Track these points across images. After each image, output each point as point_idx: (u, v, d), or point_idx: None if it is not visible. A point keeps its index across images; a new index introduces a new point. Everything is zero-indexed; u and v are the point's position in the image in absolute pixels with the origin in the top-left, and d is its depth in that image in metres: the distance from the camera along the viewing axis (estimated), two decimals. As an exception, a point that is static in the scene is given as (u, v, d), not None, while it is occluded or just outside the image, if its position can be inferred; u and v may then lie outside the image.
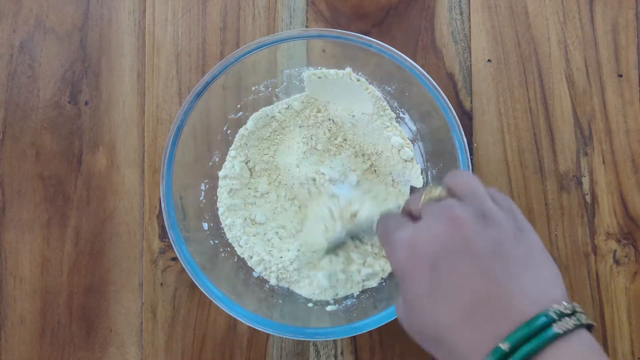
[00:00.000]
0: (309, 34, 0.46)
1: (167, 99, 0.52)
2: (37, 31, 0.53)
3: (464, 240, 0.29)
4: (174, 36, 0.52)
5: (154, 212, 0.51)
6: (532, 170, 0.50)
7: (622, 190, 0.50)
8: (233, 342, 0.50)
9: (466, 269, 0.28)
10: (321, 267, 0.47)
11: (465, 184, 0.32)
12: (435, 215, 0.30)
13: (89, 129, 0.52)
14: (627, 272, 0.49)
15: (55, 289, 0.51)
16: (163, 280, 0.50)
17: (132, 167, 0.51)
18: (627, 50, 0.51)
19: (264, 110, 0.50)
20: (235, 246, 0.49)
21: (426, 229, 0.30)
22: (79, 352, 0.50)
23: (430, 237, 0.29)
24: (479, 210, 0.30)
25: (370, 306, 0.45)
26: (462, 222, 0.29)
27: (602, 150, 0.50)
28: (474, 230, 0.29)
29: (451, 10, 0.52)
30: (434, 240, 0.29)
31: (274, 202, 0.50)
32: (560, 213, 0.50)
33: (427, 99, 0.44)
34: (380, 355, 0.49)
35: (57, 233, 0.51)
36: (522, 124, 0.51)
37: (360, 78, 0.48)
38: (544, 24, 0.51)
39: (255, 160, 0.51)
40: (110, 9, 0.53)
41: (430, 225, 0.30)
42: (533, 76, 0.51)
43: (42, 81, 0.52)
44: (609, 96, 0.51)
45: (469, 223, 0.29)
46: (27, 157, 0.52)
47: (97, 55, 0.52)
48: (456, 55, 0.51)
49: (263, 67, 0.49)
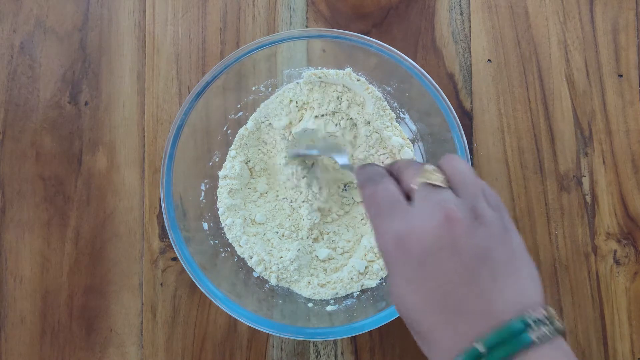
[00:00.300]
0: (309, 34, 0.46)
1: (167, 99, 0.52)
2: (37, 31, 0.53)
3: (454, 240, 0.29)
4: (174, 36, 0.52)
5: (154, 212, 0.51)
6: (532, 171, 0.50)
7: (622, 191, 0.50)
8: (233, 342, 0.50)
9: (451, 266, 0.29)
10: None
11: (460, 173, 0.32)
12: (430, 208, 0.30)
13: (89, 129, 0.52)
14: (627, 272, 0.49)
15: (55, 289, 0.51)
16: (163, 280, 0.51)
17: (132, 167, 0.51)
18: (627, 51, 0.51)
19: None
20: (235, 246, 0.49)
21: (420, 223, 0.30)
22: (79, 352, 0.50)
23: (423, 234, 0.29)
24: (472, 208, 0.30)
25: (370, 306, 0.45)
26: (456, 222, 0.29)
27: (602, 150, 0.50)
28: (466, 230, 0.29)
29: (451, 10, 0.52)
30: (426, 237, 0.29)
31: (273, 202, 0.50)
32: (561, 213, 0.50)
33: (427, 99, 0.44)
34: (380, 355, 0.49)
35: (57, 233, 0.51)
36: (522, 124, 0.51)
37: (360, 78, 0.48)
38: (544, 24, 0.51)
39: (255, 160, 0.51)
40: (110, 9, 0.53)
41: (424, 219, 0.30)
42: (533, 76, 0.51)
43: (42, 81, 0.52)
44: (609, 96, 0.51)
45: (462, 223, 0.29)
46: (27, 157, 0.52)
47: (97, 56, 0.52)
48: (456, 55, 0.51)
49: (263, 67, 0.49)
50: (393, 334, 0.49)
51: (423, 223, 0.30)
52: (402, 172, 0.33)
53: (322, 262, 0.49)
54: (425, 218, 0.30)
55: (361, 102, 0.49)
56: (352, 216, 0.51)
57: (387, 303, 0.44)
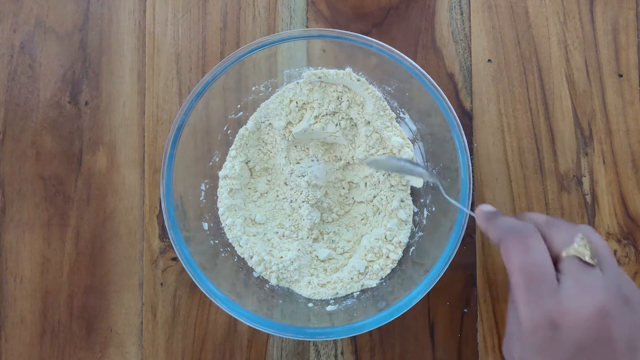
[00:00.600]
0: (310, 34, 0.46)
1: (167, 99, 0.52)
2: (37, 31, 0.53)
3: (608, 332, 0.29)
4: (174, 36, 0.52)
5: (154, 212, 0.51)
6: (533, 170, 0.50)
7: (623, 191, 0.50)
8: (233, 342, 0.50)
9: (602, 357, 0.29)
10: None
11: (602, 249, 0.32)
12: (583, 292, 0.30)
13: (89, 129, 0.52)
14: (628, 272, 0.49)
15: (55, 289, 0.51)
16: (163, 280, 0.51)
17: (132, 167, 0.51)
18: (628, 50, 0.51)
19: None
20: (236, 246, 0.49)
21: (574, 309, 0.30)
22: (79, 352, 0.50)
23: (577, 323, 0.29)
24: (618, 289, 0.30)
25: (370, 306, 0.45)
26: (611, 314, 0.29)
27: (603, 150, 0.50)
28: (619, 322, 0.29)
29: (451, 10, 0.52)
30: (580, 328, 0.29)
31: (274, 202, 0.50)
32: (561, 213, 0.50)
33: (427, 99, 0.44)
34: (380, 355, 0.49)
35: (58, 233, 0.51)
36: (522, 124, 0.51)
37: (360, 78, 0.48)
38: (544, 24, 0.51)
39: (256, 160, 0.51)
40: (110, 9, 0.53)
41: (578, 305, 0.30)
42: (533, 76, 0.51)
43: (42, 81, 0.52)
44: (609, 96, 0.51)
45: (615, 314, 0.29)
46: (28, 157, 0.52)
47: (97, 55, 0.52)
48: (456, 55, 0.51)
49: (263, 67, 0.49)
50: (393, 334, 0.49)
51: (577, 309, 0.30)
52: (552, 231, 0.33)
53: (322, 262, 0.49)
54: (579, 304, 0.30)
55: (361, 102, 0.49)
56: (352, 216, 0.51)
57: (387, 303, 0.44)
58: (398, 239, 0.48)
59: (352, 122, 0.50)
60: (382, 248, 0.48)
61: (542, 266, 0.31)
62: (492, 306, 0.49)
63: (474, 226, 0.50)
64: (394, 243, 0.48)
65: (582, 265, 0.31)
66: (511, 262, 0.32)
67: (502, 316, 0.49)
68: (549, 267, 0.31)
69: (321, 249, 0.49)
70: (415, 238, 0.48)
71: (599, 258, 0.32)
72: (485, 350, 0.49)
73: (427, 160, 0.49)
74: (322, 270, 0.49)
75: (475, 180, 0.50)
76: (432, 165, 0.48)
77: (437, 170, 0.48)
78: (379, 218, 0.49)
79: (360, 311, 0.45)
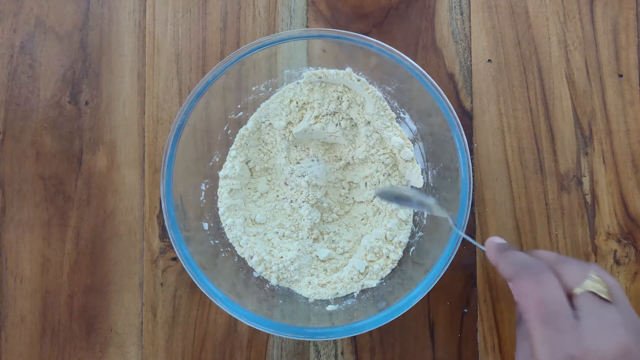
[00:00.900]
0: (310, 34, 0.46)
1: (167, 99, 0.52)
2: (37, 31, 0.53)
3: None
4: (174, 36, 0.52)
5: (154, 212, 0.51)
6: (533, 170, 0.50)
7: (623, 191, 0.50)
8: (233, 342, 0.50)
9: None
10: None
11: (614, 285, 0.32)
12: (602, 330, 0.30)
13: (89, 129, 0.52)
14: (628, 272, 0.49)
15: (55, 289, 0.51)
16: (163, 280, 0.51)
17: (133, 167, 0.51)
18: (628, 50, 0.51)
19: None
20: (236, 246, 0.49)
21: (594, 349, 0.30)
22: (79, 352, 0.50)
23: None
24: (634, 326, 0.30)
25: (370, 306, 0.45)
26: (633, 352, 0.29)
27: (603, 150, 0.50)
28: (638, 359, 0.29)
29: (451, 10, 0.52)
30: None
31: (274, 202, 0.50)
32: (561, 213, 0.50)
33: (427, 99, 0.44)
34: (380, 355, 0.49)
35: (58, 233, 0.51)
36: (522, 124, 0.51)
37: (360, 78, 0.48)
38: (544, 24, 0.51)
39: (256, 160, 0.51)
40: (110, 9, 0.53)
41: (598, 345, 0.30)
42: (533, 76, 0.51)
43: (42, 81, 0.52)
44: (610, 96, 0.51)
45: (636, 353, 0.29)
46: (28, 157, 0.52)
47: (98, 55, 0.52)
48: (456, 55, 0.51)
49: (263, 67, 0.49)
50: (393, 334, 0.49)
51: (597, 350, 0.29)
52: (563, 268, 0.33)
53: (322, 262, 0.49)
54: (599, 343, 0.30)
55: (361, 102, 0.49)
56: (352, 216, 0.51)
57: (387, 303, 0.44)
58: (398, 239, 0.48)
59: (352, 122, 0.50)
60: (382, 248, 0.48)
61: (559, 302, 0.31)
62: (492, 306, 0.49)
63: (474, 226, 0.50)
64: (394, 243, 0.48)
65: (598, 301, 0.31)
66: (527, 297, 0.32)
67: (502, 316, 0.49)
68: (565, 304, 0.31)
69: (321, 249, 0.49)
70: (415, 238, 0.49)
71: (614, 295, 0.32)
72: (485, 350, 0.49)
73: (427, 160, 0.49)
74: (322, 270, 0.49)
75: (475, 180, 0.50)
76: (433, 165, 0.48)
77: (437, 170, 0.48)
78: (379, 218, 0.49)
79: (361, 311, 0.45)
